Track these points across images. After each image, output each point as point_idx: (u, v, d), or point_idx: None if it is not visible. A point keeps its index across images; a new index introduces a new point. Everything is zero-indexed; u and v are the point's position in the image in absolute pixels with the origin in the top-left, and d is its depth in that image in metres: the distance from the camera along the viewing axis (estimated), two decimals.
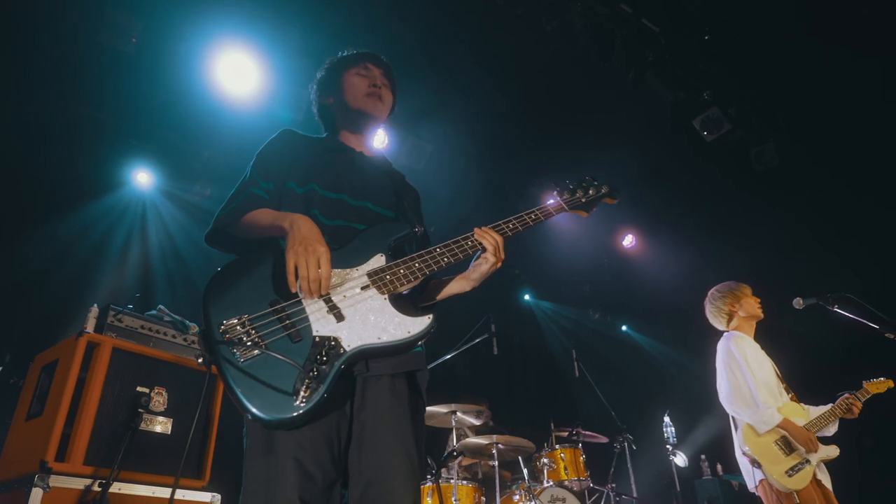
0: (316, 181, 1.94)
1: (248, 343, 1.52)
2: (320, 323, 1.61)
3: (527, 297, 9.34)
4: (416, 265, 1.79)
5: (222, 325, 1.55)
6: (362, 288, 1.71)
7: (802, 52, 5.80)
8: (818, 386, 4.00)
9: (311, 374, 1.50)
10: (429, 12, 5.57)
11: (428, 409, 5.15)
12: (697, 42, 6.15)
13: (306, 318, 1.61)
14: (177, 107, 5.66)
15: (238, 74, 5.54)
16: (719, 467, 6.71)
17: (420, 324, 1.70)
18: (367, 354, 1.64)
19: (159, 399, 3.20)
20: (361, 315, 1.66)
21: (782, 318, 3.99)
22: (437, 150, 6.57)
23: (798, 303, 3.83)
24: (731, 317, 3.99)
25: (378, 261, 1.78)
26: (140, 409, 3.05)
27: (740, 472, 3.78)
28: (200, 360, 1.52)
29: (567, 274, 8.56)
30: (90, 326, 3.11)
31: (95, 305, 3.19)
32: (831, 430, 3.69)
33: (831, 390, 3.83)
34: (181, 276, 5.78)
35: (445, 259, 1.84)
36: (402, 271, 1.77)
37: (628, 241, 8.57)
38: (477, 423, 5.56)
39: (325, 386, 1.51)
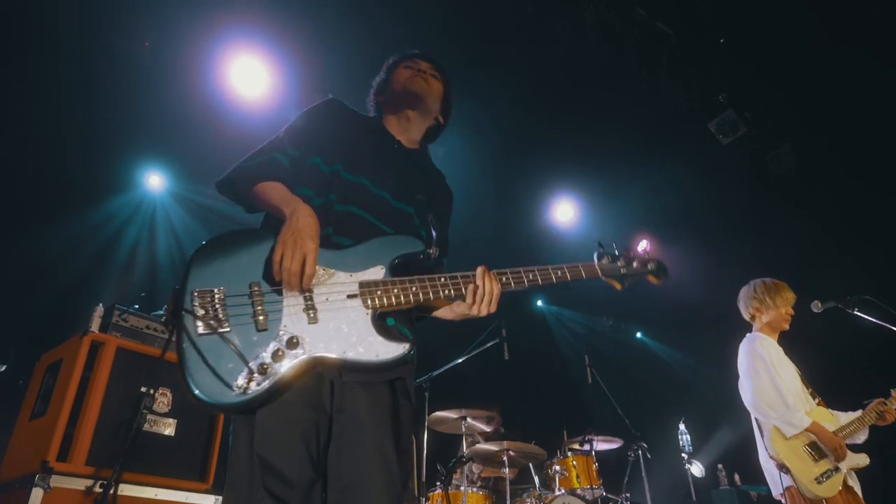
0: (341, 161, 1.88)
1: (211, 319, 1.49)
2: (291, 319, 1.56)
3: (539, 302, 9.25)
4: (413, 289, 1.68)
5: (196, 291, 1.52)
6: (349, 296, 1.63)
7: (818, 53, 5.71)
8: (838, 391, 3.86)
9: (261, 366, 1.46)
10: (438, 15, 5.55)
11: (437, 414, 5.08)
12: (712, 45, 6.08)
13: (280, 311, 1.56)
14: (189, 110, 5.69)
15: (250, 77, 5.56)
16: (737, 477, 6.55)
17: (392, 350, 1.58)
18: (328, 365, 1.57)
19: (163, 400, 3.18)
20: (336, 323, 1.58)
21: (801, 322, 3.87)
22: (448, 154, 6.53)
23: (816, 306, 3.71)
24: (753, 317, 3.90)
25: (376, 273, 1.68)
26: (144, 410, 3.03)
27: (759, 482, 3.66)
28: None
29: (579, 279, 8.46)
30: (95, 326, 3.10)
31: (101, 305, 3.18)
32: (861, 437, 3.55)
33: (852, 395, 3.71)
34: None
35: (446, 291, 1.72)
36: (395, 290, 1.66)
37: (643, 246, 8.43)
38: (487, 429, 5.48)
39: (271, 383, 1.46)
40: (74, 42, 5.10)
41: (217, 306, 1.51)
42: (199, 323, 1.48)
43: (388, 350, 1.58)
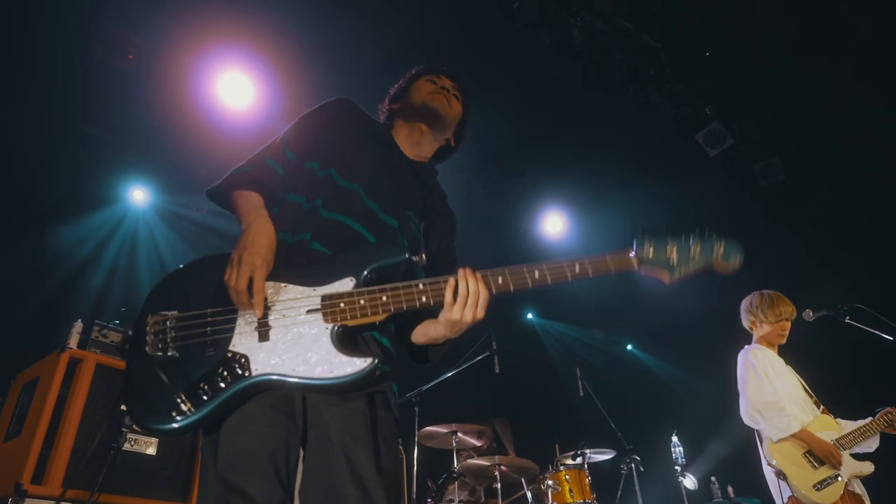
0: (336, 166, 1.78)
1: (159, 343, 1.46)
2: (240, 338, 1.47)
3: (529, 315, 9.20)
4: (383, 298, 1.50)
5: (150, 316, 1.50)
6: (308, 311, 1.50)
7: (803, 64, 5.77)
8: (846, 400, 3.84)
9: (202, 389, 1.40)
10: (425, 29, 5.56)
11: (428, 429, 5.01)
12: (699, 58, 6.13)
13: (231, 330, 1.48)
14: (174, 123, 5.64)
15: (235, 90, 5.53)
16: (730, 489, 6.50)
17: (349, 366, 1.42)
18: (277, 385, 1.46)
19: None
20: (289, 340, 1.47)
21: (802, 331, 3.85)
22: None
23: (808, 315, 3.72)
24: (751, 329, 3.89)
25: (344, 285, 1.53)
26: (124, 429, 2.93)
27: (752, 494, 3.62)
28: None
29: (570, 292, 8.44)
30: (73, 342, 3.02)
31: (79, 320, 3.09)
32: (872, 445, 3.52)
33: (846, 401, 3.69)
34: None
35: (423, 298, 1.51)
36: (361, 302, 1.49)
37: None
38: (478, 443, 5.41)
39: (212, 406, 1.40)
40: (61, 55, 5.05)
41: (167, 330, 1.47)
42: (147, 348, 1.45)
43: (344, 366, 1.43)
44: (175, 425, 1.38)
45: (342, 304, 1.50)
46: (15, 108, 5.02)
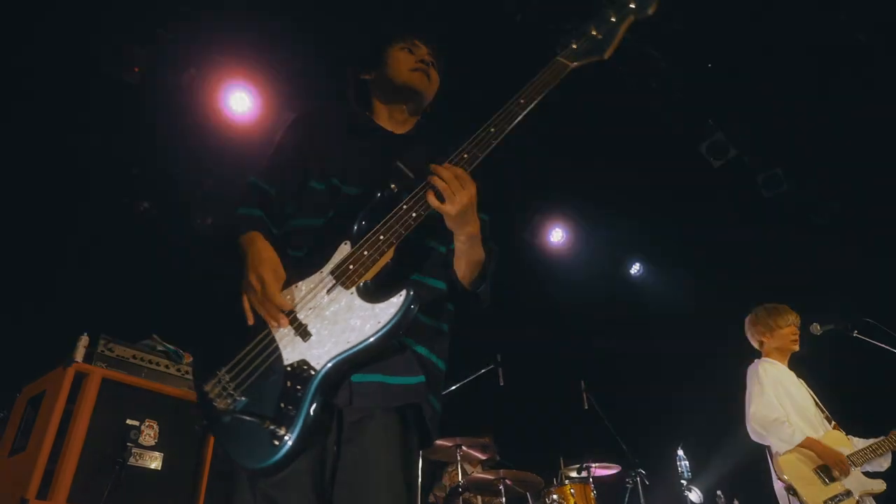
0: (335, 174, 1.74)
1: (228, 400, 1.47)
2: (289, 349, 1.47)
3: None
4: (381, 237, 1.49)
5: (206, 387, 1.51)
6: (328, 291, 1.50)
7: (805, 75, 5.79)
8: (841, 414, 3.81)
9: (285, 411, 1.40)
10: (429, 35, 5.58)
11: None
12: (701, 69, 6.15)
13: (276, 349, 1.49)
14: (179, 136, 5.64)
15: (240, 103, 5.54)
16: (736, 503, 6.46)
17: (390, 308, 1.43)
18: (345, 367, 1.45)
19: (150, 432, 3.08)
20: (329, 323, 1.47)
21: (812, 345, 3.83)
22: None
23: (815, 328, 3.70)
24: (761, 344, 3.87)
25: (342, 251, 1.53)
26: (129, 444, 2.94)
27: None
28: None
29: (573, 302, 8.42)
30: (79, 356, 3.01)
31: (85, 334, 3.09)
32: (884, 464, 3.50)
33: (859, 417, 3.66)
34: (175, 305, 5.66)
35: (413, 213, 1.50)
36: (365, 253, 1.49)
37: (635, 269, 8.45)
38: (483, 457, 5.38)
39: (303, 416, 1.39)
40: (61, 68, 5.08)
41: (226, 386, 1.49)
42: (220, 410, 1.47)
43: (390, 308, 1.43)
44: (282, 451, 1.38)
45: (351, 266, 1.50)
46: (16, 119, 5.04)
